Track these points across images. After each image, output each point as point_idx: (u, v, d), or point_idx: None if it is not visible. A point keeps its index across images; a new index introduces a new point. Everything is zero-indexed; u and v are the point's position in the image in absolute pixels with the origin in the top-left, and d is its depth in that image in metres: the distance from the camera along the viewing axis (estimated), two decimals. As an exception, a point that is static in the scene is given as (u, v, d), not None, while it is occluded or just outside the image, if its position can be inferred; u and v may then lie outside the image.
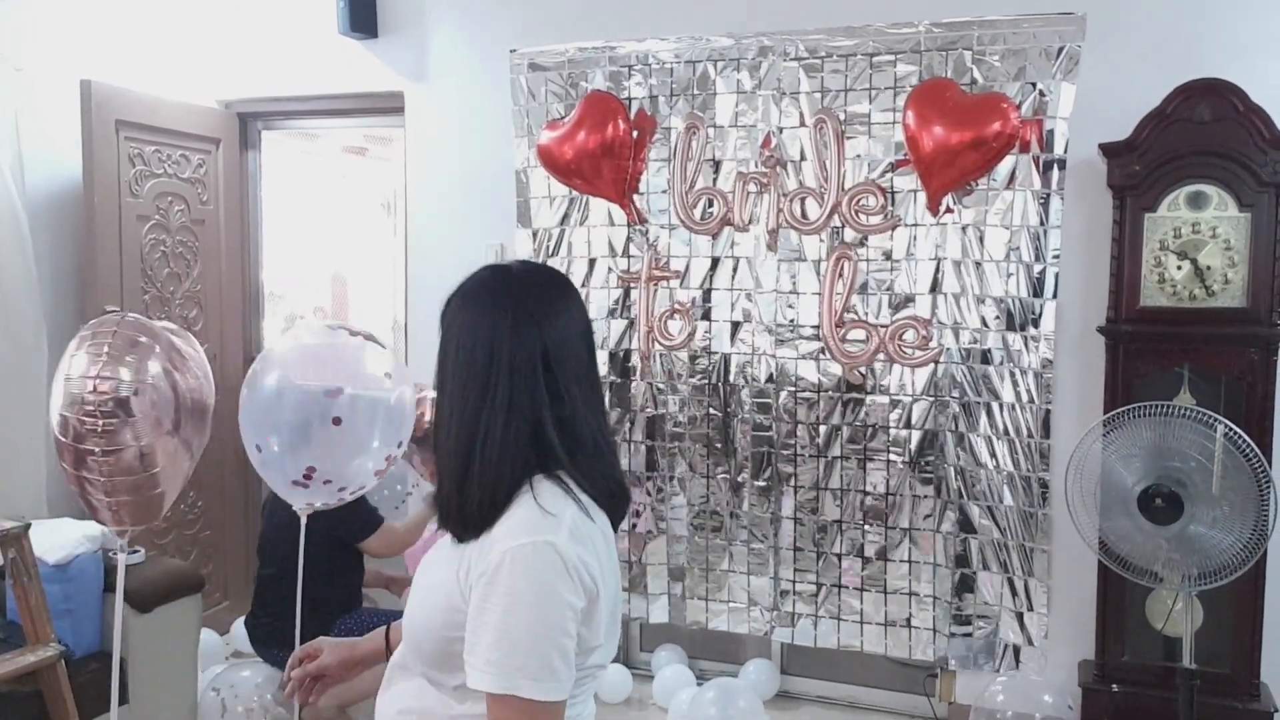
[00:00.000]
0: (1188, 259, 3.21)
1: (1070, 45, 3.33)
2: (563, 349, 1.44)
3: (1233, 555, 2.80)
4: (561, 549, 1.34)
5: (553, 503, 1.38)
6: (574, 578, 1.34)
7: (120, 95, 4.11)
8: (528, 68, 4.00)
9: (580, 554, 1.36)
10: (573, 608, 1.34)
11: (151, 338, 2.50)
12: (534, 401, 1.41)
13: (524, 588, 1.32)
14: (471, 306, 1.51)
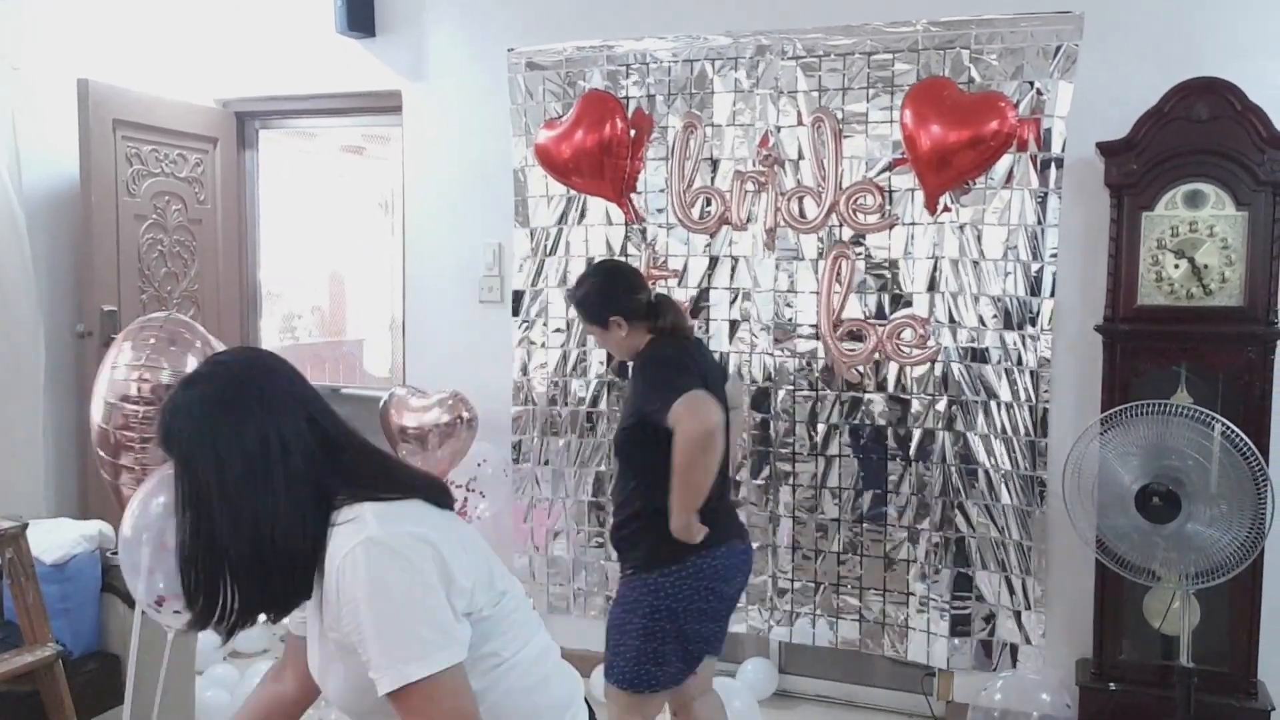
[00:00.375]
0: (1185, 258, 3.21)
1: (1068, 44, 3.33)
2: (296, 412, 1.46)
3: (1230, 553, 2.80)
4: (375, 536, 1.39)
5: (346, 514, 1.43)
6: (404, 551, 1.39)
7: (117, 94, 4.11)
8: (525, 67, 4.00)
9: (394, 530, 1.40)
10: (420, 576, 1.39)
11: (192, 333, 2.54)
12: (309, 463, 1.44)
13: (364, 589, 1.37)
14: (206, 427, 1.42)
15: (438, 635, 1.39)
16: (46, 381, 3.92)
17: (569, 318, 4.00)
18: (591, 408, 4.00)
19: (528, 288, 4.07)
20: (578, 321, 3.96)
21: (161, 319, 2.55)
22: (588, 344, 3.99)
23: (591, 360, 4.00)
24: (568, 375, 4.03)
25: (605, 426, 3.98)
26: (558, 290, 4.02)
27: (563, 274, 4.01)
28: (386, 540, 1.39)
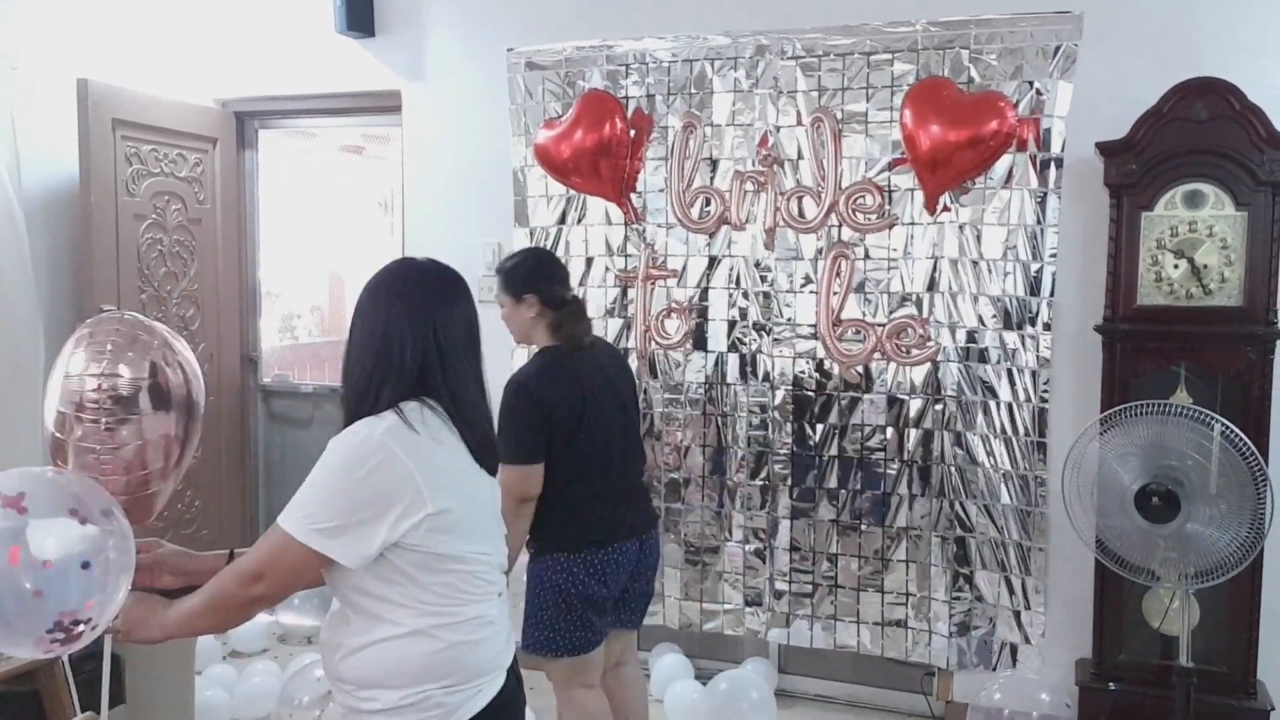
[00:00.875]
0: (1184, 258, 3.21)
1: (1067, 44, 3.33)
2: (448, 329, 1.86)
3: (1229, 553, 2.80)
4: (365, 433, 1.73)
5: (385, 412, 1.76)
6: (370, 455, 1.70)
7: (117, 94, 4.11)
8: (525, 66, 4.00)
9: (381, 437, 1.71)
10: (363, 478, 1.69)
11: (149, 334, 2.49)
12: (423, 358, 1.81)
13: (327, 459, 1.73)
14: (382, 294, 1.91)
15: (328, 523, 1.69)
16: (46, 380, 3.91)
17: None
18: (591, 408, 3.99)
19: (527, 287, 4.06)
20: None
21: (117, 319, 2.50)
22: (587, 344, 3.99)
23: (591, 360, 3.99)
24: (567, 375, 4.03)
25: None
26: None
27: (562, 274, 4.01)
28: (368, 439, 1.72)
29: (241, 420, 4.83)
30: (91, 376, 2.33)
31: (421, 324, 1.83)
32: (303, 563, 1.73)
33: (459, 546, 1.77)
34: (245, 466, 4.85)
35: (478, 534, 1.83)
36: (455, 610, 1.78)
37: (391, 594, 1.75)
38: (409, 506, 1.69)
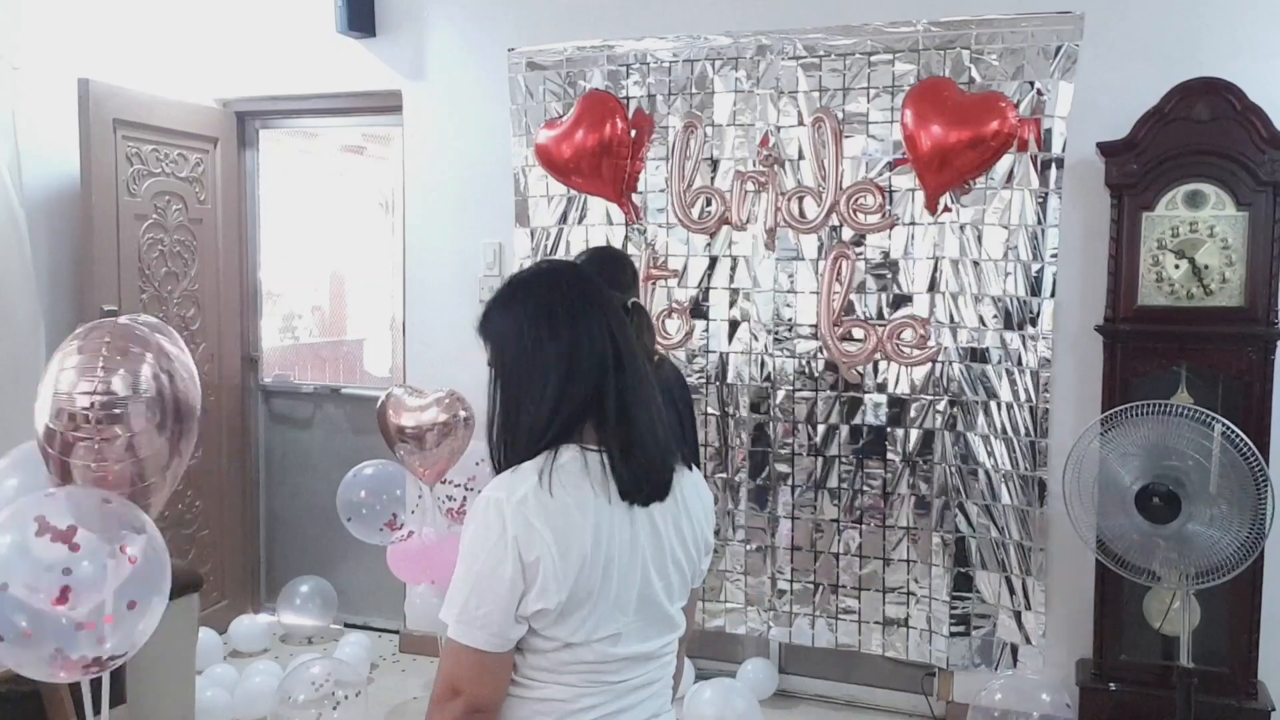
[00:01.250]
0: (1185, 258, 3.21)
1: (1068, 44, 3.33)
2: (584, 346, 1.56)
3: (1230, 554, 2.80)
4: (496, 498, 1.47)
5: (530, 465, 1.51)
6: (507, 535, 1.44)
7: (118, 94, 4.10)
8: (526, 67, 4.00)
9: (521, 516, 1.45)
10: (503, 562, 1.44)
11: (142, 345, 2.48)
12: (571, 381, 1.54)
13: (466, 534, 1.49)
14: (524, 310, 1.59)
15: (477, 614, 1.45)
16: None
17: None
18: (592, 408, 3.99)
19: (528, 288, 4.06)
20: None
21: (108, 327, 2.49)
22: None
23: (592, 360, 3.99)
24: (568, 375, 4.02)
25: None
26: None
27: (563, 274, 4.01)
28: (494, 503, 1.47)
29: (242, 420, 4.83)
30: (83, 394, 2.32)
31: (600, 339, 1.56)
32: (472, 664, 1.48)
33: (572, 629, 1.51)
34: (246, 466, 4.85)
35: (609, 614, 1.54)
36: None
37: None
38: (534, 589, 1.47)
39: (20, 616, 2.11)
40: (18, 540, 2.14)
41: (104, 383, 2.34)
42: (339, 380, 5.13)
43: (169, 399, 2.49)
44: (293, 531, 4.91)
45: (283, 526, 4.93)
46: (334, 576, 4.71)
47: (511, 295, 1.62)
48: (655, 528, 1.57)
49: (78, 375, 2.32)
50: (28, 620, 2.11)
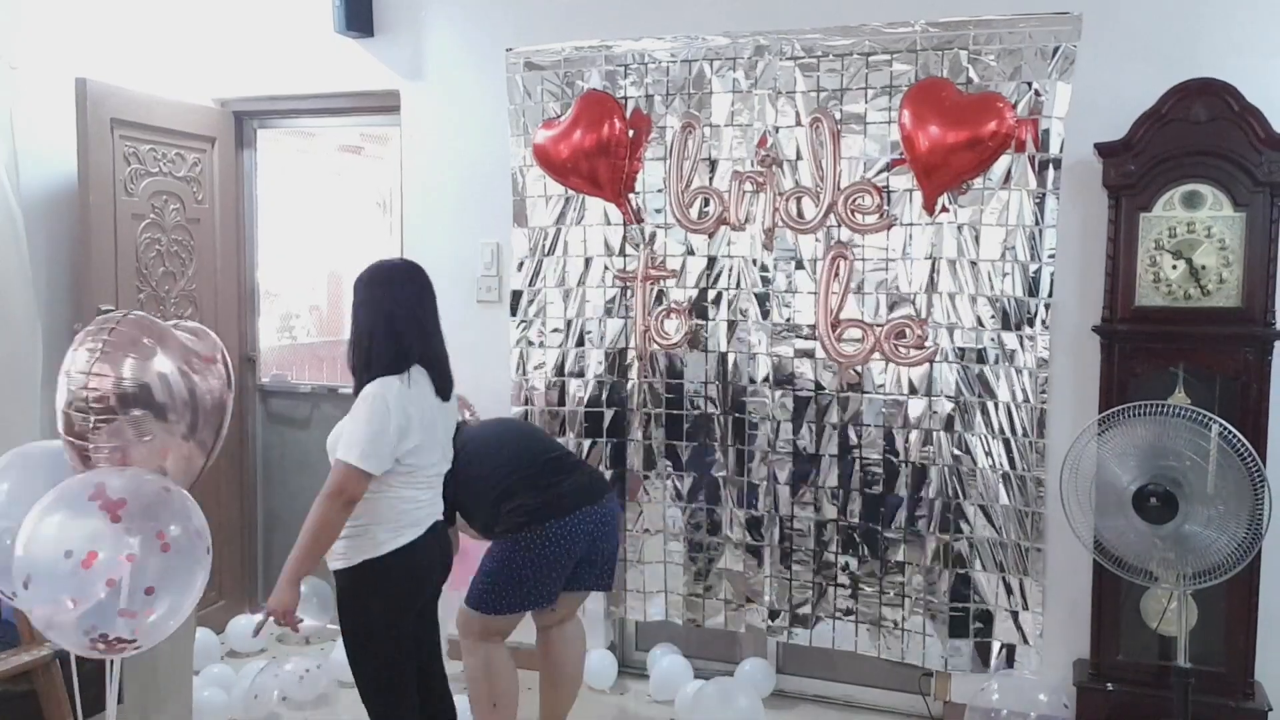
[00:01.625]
0: (1183, 258, 3.21)
1: (1066, 45, 3.33)
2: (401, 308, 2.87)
3: (1227, 554, 2.81)
4: (377, 390, 2.73)
5: (393, 375, 2.78)
6: (386, 400, 2.70)
7: (115, 94, 4.10)
8: (524, 67, 4.00)
9: (394, 397, 2.72)
10: (385, 416, 2.69)
11: (155, 338, 2.48)
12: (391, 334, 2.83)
13: (360, 408, 2.72)
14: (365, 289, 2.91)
15: (369, 448, 2.67)
16: (44, 380, 3.91)
17: (567, 317, 4.01)
18: (591, 407, 4.00)
19: (526, 288, 4.07)
20: (576, 321, 3.97)
21: (118, 318, 2.48)
22: (586, 344, 3.99)
23: (590, 360, 4.00)
24: (566, 375, 4.03)
25: (605, 426, 3.98)
26: (556, 290, 4.02)
27: (561, 274, 4.01)
28: (383, 392, 2.71)
29: (240, 420, 4.83)
30: (96, 385, 2.32)
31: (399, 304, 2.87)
32: (357, 478, 2.67)
33: (420, 460, 2.81)
34: (244, 466, 4.85)
35: (432, 451, 2.88)
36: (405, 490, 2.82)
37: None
38: (404, 438, 2.73)
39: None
40: (73, 502, 2.21)
41: (117, 371, 2.34)
42: (336, 380, 5.12)
43: (198, 396, 2.49)
44: (290, 531, 4.89)
45: (280, 526, 4.92)
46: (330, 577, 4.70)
47: (370, 274, 2.91)
48: (445, 410, 2.94)
49: (91, 362, 2.32)
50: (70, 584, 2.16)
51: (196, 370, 2.55)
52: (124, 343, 2.38)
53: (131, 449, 2.36)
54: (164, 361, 2.46)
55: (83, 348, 2.37)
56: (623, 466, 3.98)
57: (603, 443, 3.99)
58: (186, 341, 2.61)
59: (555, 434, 4.05)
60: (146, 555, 2.21)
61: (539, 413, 4.07)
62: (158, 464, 2.44)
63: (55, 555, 2.16)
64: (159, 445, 2.43)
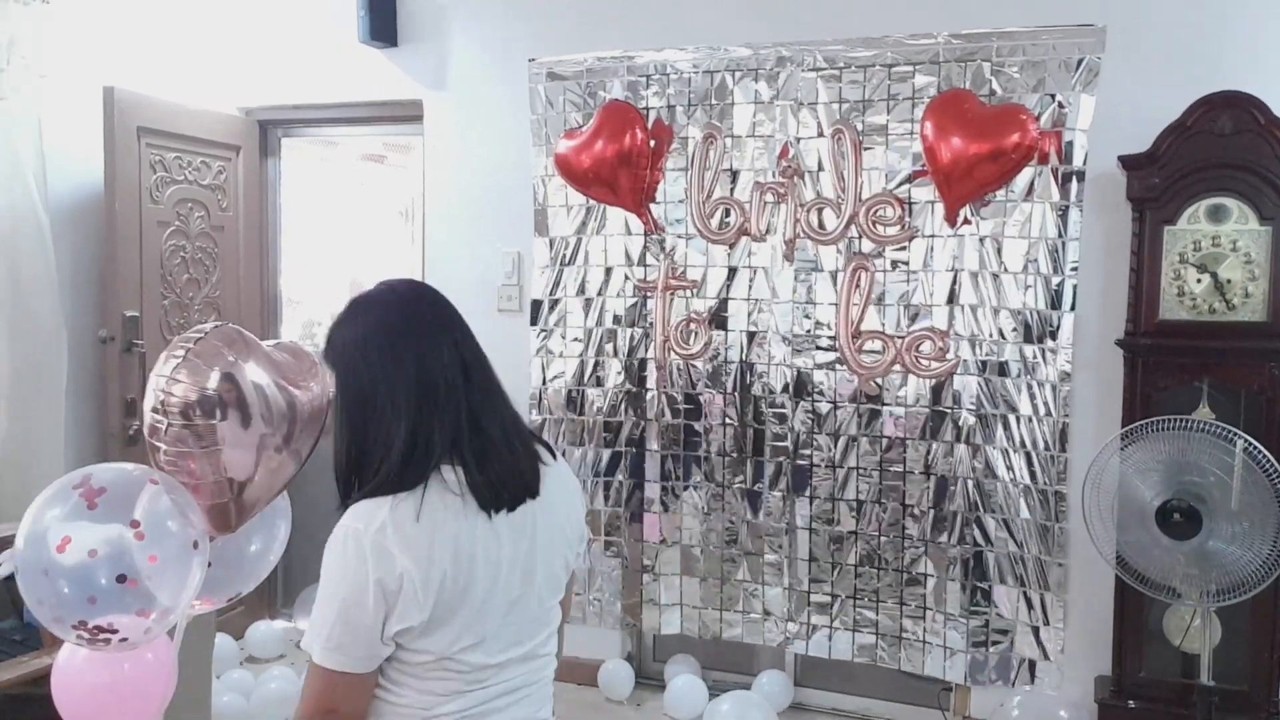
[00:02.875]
0: (1207, 272, 3.19)
1: (1090, 57, 3.32)
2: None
3: (1252, 571, 2.78)
4: (349, 527, 1.49)
5: (372, 502, 1.51)
6: (367, 564, 1.46)
7: (142, 102, 4.14)
8: (546, 77, 4.01)
9: (380, 545, 1.46)
10: (365, 591, 1.46)
11: (238, 351, 2.47)
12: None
13: (327, 563, 1.50)
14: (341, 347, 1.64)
15: (334, 636, 1.48)
16: (69, 386, 3.95)
17: (587, 327, 4.01)
18: (610, 417, 4.00)
19: (546, 297, 4.08)
20: (596, 331, 3.97)
21: (207, 329, 2.50)
22: (605, 354, 4.00)
23: (609, 370, 4.00)
24: (585, 384, 4.03)
25: (624, 436, 3.98)
26: (576, 300, 4.03)
27: (581, 283, 4.02)
28: (354, 538, 1.48)
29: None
30: (162, 378, 2.33)
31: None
32: (336, 686, 1.51)
33: (447, 641, 1.54)
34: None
35: (482, 622, 1.57)
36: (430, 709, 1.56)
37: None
38: (397, 612, 1.49)
39: None
40: (59, 491, 2.23)
41: (196, 381, 2.35)
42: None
43: (297, 407, 2.48)
44: (309, 537, 4.92)
45: (299, 532, 4.94)
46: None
47: (352, 315, 1.60)
48: (520, 530, 1.58)
49: (174, 370, 2.34)
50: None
51: (292, 383, 2.55)
52: (207, 352, 2.39)
53: (193, 458, 2.36)
54: (253, 370, 2.45)
55: (170, 355, 2.38)
56: (641, 477, 3.98)
57: (621, 453, 3.99)
58: (275, 356, 2.61)
59: (575, 443, 4.05)
60: (119, 543, 2.19)
61: (557, 422, 4.08)
62: (218, 474, 2.43)
63: (35, 541, 2.18)
64: (224, 455, 2.42)
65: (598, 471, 4.03)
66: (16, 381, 3.78)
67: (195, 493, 2.40)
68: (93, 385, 4.14)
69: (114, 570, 2.19)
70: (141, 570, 2.22)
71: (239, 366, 2.39)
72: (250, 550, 2.70)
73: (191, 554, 2.33)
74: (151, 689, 2.53)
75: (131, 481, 2.30)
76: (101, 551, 2.18)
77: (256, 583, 2.78)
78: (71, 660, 2.49)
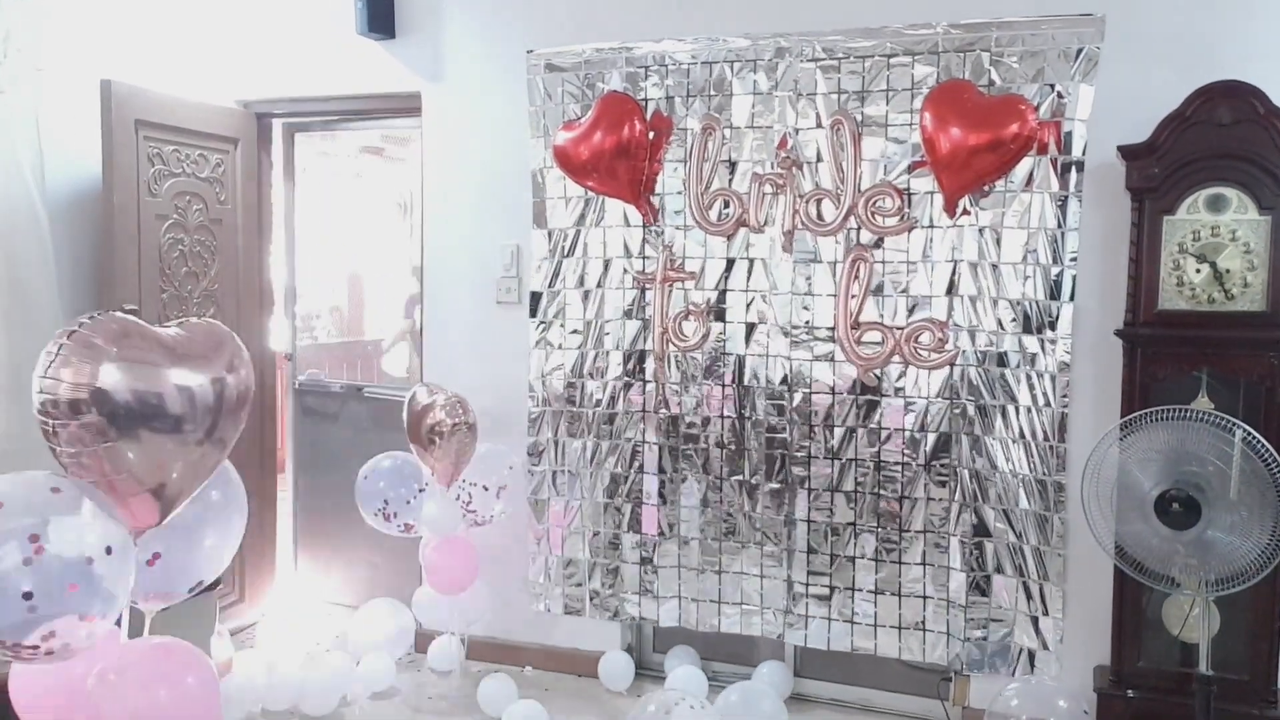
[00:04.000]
0: (1207, 262, 3.18)
1: (1089, 47, 3.31)
2: None
3: (1250, 561, 2.78)
4: None
5: None
6: None
7: (140, 95, 4.13)
8: (544, 68, 4.00)
9: None
10: None
11: (112, 341, 2.39)
12: None
13: None
14: None
15: None
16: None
17: (586, 319, 4.01)
18: (609, 409, 4.00)
19: (545, 289, 4.08)
20: (595, 322, 3.97)
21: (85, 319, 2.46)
22: (604, 345, 4.00)
23: (609, 362, 4.00)
24: (585, 376, 4.04)
25: (623, 427, 3.98)
26: (575, 291, 4.03)
27: (580, 275, 4.02)
28: None
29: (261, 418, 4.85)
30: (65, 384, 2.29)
31: None
32: None
33: None
34: (263, 466, 4.87)
35: None
36: None
37: None
38: None
39: None
40: None
41: (80, 374, 2.31)
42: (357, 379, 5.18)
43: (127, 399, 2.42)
44: (320, 525, 4.94)
45: (308, 520, 4.98)
46: (354, 572, 4.76)
47: None
48: None
49: (59, 364, 2.30)
50: None
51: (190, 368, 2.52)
52: (80, 346, 2.34)
53: (96, 455, 2.33)
54: (126, 366, 2.37)
55: (46, 352, 2.34)
56: (640, 469, 3.98)
57: (620, 444, 3.99)
58: (166, 339, 2.54)
59: (574, 435, 4.06)
60: (18, 560, 2.16)
61: (556, 414, 4.08)
62: (126, 469, 2.38)
63: None
64: (123, 451, 2.37)
65: (598, 462, 4.03)
66: (15, 376, 3.78)
67: (110, 490, 2.35)
68: (92, 378, 4.13)
69: (31, 588, 2.15)
70: (58, 584, 2.18)
71: (125, 358, 2.33)
72: (205, 544, 2.66)
73: (107, 557, 2.27)
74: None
75: (33, 491, 2.24)
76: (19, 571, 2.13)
77: (216, 573, 2.74)
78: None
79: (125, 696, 2.39)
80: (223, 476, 2.73)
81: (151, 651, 2.51)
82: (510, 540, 4.20)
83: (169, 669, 2.48)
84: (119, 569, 2.31)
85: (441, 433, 3.75)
